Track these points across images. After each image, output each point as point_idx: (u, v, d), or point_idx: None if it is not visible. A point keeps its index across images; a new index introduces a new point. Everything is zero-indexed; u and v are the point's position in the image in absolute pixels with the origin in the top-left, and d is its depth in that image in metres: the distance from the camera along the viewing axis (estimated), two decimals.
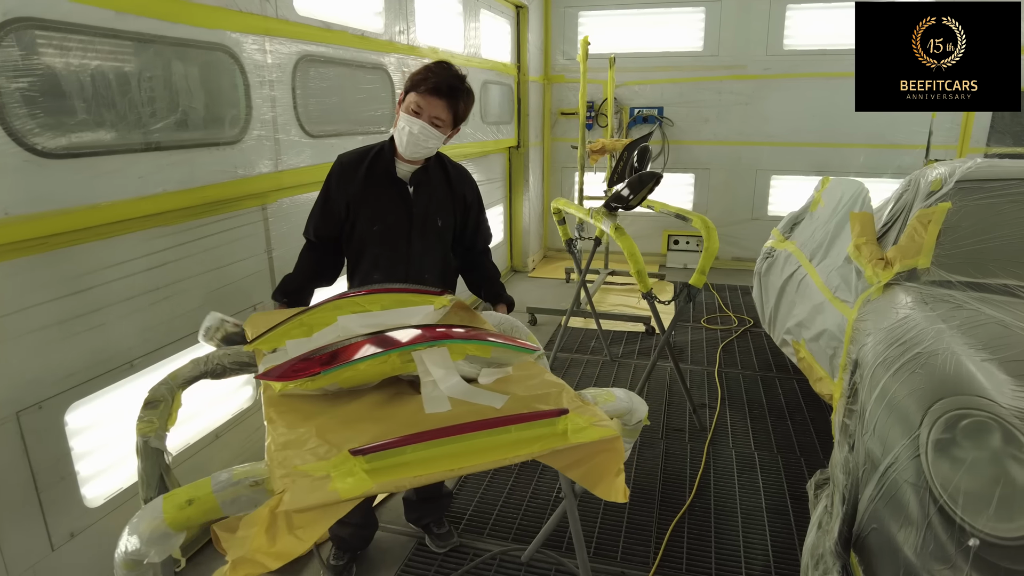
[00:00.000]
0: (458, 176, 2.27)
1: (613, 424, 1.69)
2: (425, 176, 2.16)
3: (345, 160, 2.17)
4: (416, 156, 2.08)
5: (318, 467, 1.14)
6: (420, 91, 1.97)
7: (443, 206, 2.20)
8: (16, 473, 1.93)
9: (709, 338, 4.95)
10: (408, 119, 1.99)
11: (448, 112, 2.00)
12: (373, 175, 2.12)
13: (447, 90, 1.97)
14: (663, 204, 3.79)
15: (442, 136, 2.04)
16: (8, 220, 1.78)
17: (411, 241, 2.14)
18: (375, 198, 2.12)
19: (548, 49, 6.95)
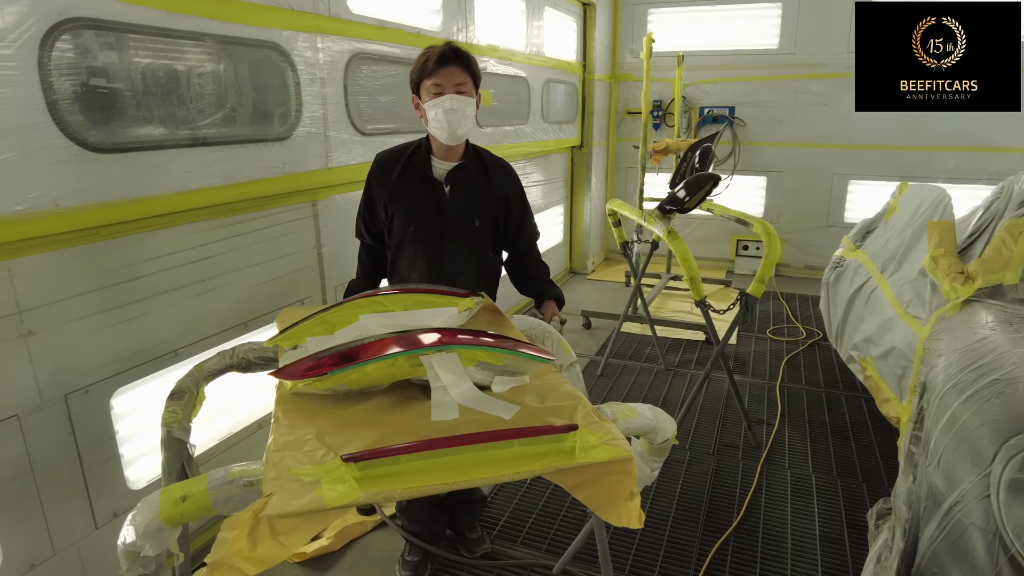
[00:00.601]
0: (498, 172, 2.18)
1: (637, 444, 1.60)
2: (461, 175, 2.10)
3: (382, 158, 2.14)
4: (461, 133, 2.00)
5: (310, 471, 1.11)
6: (429, 73, 1.92)
7: (481, 206, 2.13)
8: (63, 452, 2.02)
9: (774, 350, 4.71)
10: (436, 102, 1.93)
11: (465, 74, 1.94)
12: (407, 173, 2.08)
13: (453, 55, 1.91)
14: (724, 207, 3.61)
15: (473, 101, 1.97)
16: (58, 211, 1.86)
17: (444, 241, 2.08)
18: (409, 197, 2.08)
19: (616, 47, 6.80)
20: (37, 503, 1.96)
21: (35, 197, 1.80)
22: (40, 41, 1.78)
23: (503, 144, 4.74)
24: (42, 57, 1.78)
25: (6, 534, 1.89)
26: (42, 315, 1.91)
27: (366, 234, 2.22)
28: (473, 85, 1.98)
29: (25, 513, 1.94)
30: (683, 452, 3.29)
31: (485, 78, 4.38)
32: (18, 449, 1.89)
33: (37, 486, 1.95)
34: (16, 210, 1.77)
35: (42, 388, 1.93)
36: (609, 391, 4.05)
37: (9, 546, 1.90)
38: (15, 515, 1.91)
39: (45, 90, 1.79)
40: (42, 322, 1.91)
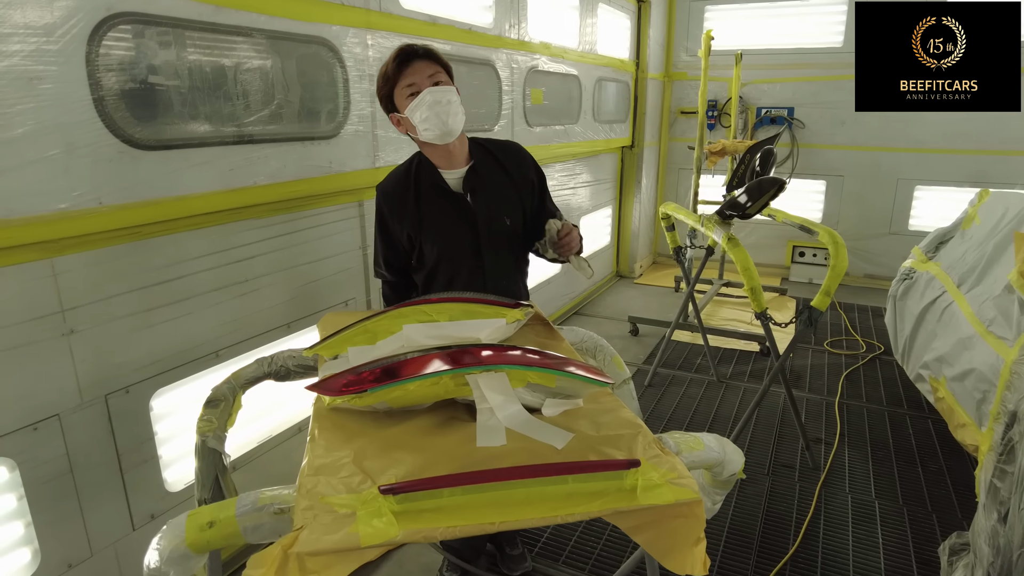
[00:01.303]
0: (511, 157, 2.00)
1: (698, 476, 1.46)
2: (478, 177, 1.92)
3: (388, 189, 1.94)
4: (454, 125, 1.82)
5: (345, 501, 1.02)
6: (399, 74, 1.76)
7: (508, 201, 1.96)
8: (103, 452, 1.99)
9: (832, 363, 4.47)
10: (417, 102, 1.75)
11: (433, 64, 1.78)
12: (423, 194, 1.89)
13: (412, 51, 1.76)
14: (786, 214, 3.41)
15: (454, 88, 1.81)
16: (102, 209, 1.82)
17: (481, 253, 1.93)
18: (434, 218, 1.90)
19: (670, 45, 6.60)
20: (76, 503, 1.94)
21: (79, 195, 1.77)
22: (88, 36, 1.75)
23: (552, 144, 4.62)
24: (90, 53, 1.75)
25: (45, 534, 1.87)
26: (84, 314, 1.88)
27: (388, 273, 2.05)
28: (447, 74, 1.82)
29: (64, 513, 1.92)
30: None
31: (536, 76, 4.30)
32: (58, 449, 1.87)
33: (76, 486, 1.93)
34: (60, 208, 1.74)
35: (83, 388, 1.91)
36: (657, 403, 3.90)
37: (48, 546, 1.88)
38: (54, 515, 1.89)
39: (92, 86, 1.76)
40: (84, 321, 1.88)
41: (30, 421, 1.80)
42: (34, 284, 1.76)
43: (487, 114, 3.74)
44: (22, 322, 1.75)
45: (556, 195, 4.92)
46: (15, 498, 1.82)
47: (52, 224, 1.72)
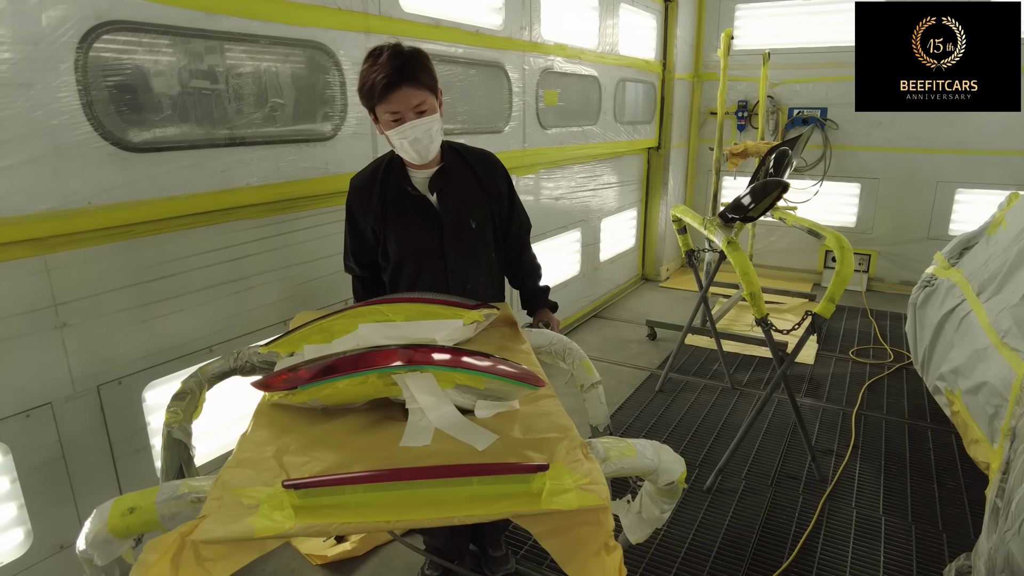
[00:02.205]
0: (483, 165, 2.00)
1: (662, 490, 1.43)
2: (445, 179, 1.92)
3: (357, 183, 1.95)
4: (434, 153, 1.85)
5: (254, 494, 1.05)
6: (380, 99, 1.71)
7: (473, 205, 1.96)
8: (95, 441, 2.09)
9: (855, 373, 4.31)
10: (397, 133, 1.75)
11: (420, 90, 1.72)
12: (388, 193, 1.90)
13: (398, 76, 1.68)
14: (795, 216, 3.31)
15: (437, 116, 1.80)
16: (91, 209, 1.91)
17: (446, 254, 1.94)
18: (397, 217, 1.91)
19: (700, 44, 6.48)
20: (68, 489, 2.03)
21: (68, 195, 1.86)
22: (77, 43, 1.83)
23: (568, 145, 4.61)
24: (79, 59, 1.84)
25: (37, 516, 1.97)
26: (77, 308, 1.98)
27: (357, 267, 2.06)
28: (432, 93, 1.77)
29: (57, 498, 2.01)
30: (738, 481, 3.05)
31: (550, 77, 4.30)
32: (51, 436, 1.97)
33: (69, 472, 2.03)
34: (50, 207, 1.83)
35: (75, 378, 2.00)
36: (666, 408, 3.84)
37: (40, 528, 1.98)
38: (47, 499, 1.99)
39: (81, 91, 1.85)
40: (77, 315, 1.98)
41: (23, 408, 1.90)
42: (27, 279, 1.86)
43: (496, 116, 3.75)
44: (16, 315, 1.85)
45: (574, 197, 4.91)
46: (8, 481, 1.92)
47: (42, 223, 1.82)
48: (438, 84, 1.81)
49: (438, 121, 1.80)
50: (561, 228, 4.82)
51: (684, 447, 3.38)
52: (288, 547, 2.58)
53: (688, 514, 2.80)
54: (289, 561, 2.51)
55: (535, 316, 2.16)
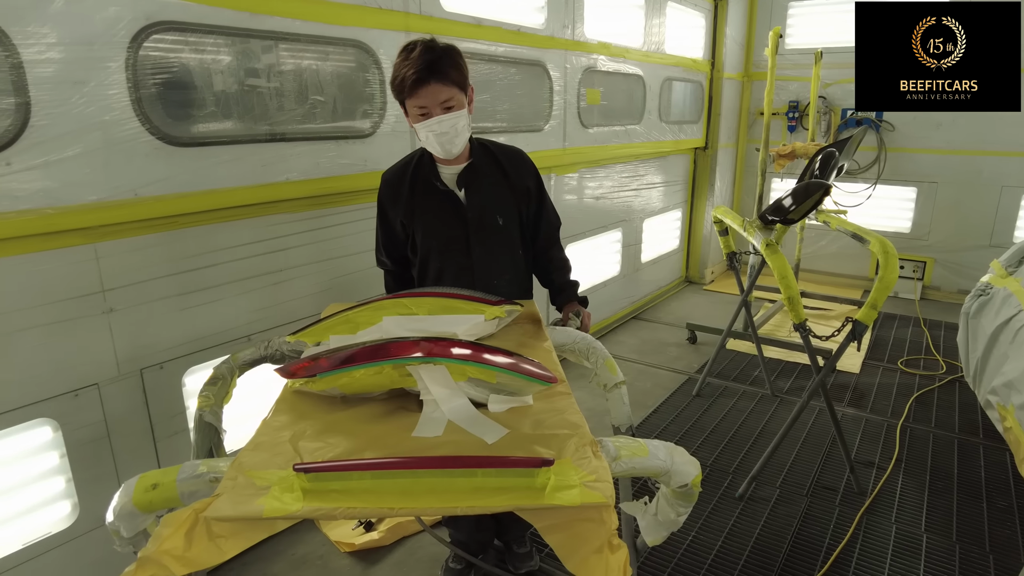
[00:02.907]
0: (512, 162, 2.01)
1: (677, 492, 1.41)
2: (474, 175, 1.94)
3: (388, 176, 2.00)
4: (459, 149, 1.86)
5: (266, 476, 1.09)
6: (409, 94, 1.75)
7: (501, 202, 1.98)
8: (137, 421, 2.19)
9: (903, 383, 4.15)
10: (424, 127, 1.78)
11: (448, 87, 1.74)
12: (417, 187, 1.94)
13: (427, 72, 1.70)
14: (839, 220, 3.21)
15: (463, 112, 1.81)
16: (137, 200, 2.01)
17: (471, 249, 1.96)
18: (425, 211, 1.95)
19: (751, 43, 6.34)
20: (112, 465, 2.14)
21: (116, 186, 1.96)
22: (128, 43, 1.93)
23: (610, 144, 4.58)
24: (129, 57, 1.93)
25: (84, 490, 2.08)
26: (123, 295, 2.08)
27: (388, 261, 2.11)
28: (461, 90, 1.79)
29: (101, 473, 2.12)
30: (772, 490, 2.98)
31: (592, 76, 4.28)
32: (96, 415, 2.08)
33: (112, 450, 2.13)
34: (99, 198, 1.93)
35: (120, 361, 2.10)
36: (703, 413, 3.77)
37: (86, 502, 2.09)
38: (92, 474, 2.10)
39: (130, 88, 1.94)
40: (123, 301, 2.08)
41: (72, 388, 2.01)
42: (78, 266, 1.97)
43: (536, 114, 3.76)
44: (67, 299, 1.96)
45: (616, 197, 4.87)
46: (57, 456, 2.04)
47: (92, 212, 1.92)
48: (468, 81, 1.83)
49: (465, 117, 1.82)
50: (601, 228, 4.79)
51: (719, 453, 3.32)
52: (318, 534, 2.65)
53: (718, 521, 2.76)
54: (318, 547, 2.58)
55: (563, 309, 2.14)
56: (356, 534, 2.59)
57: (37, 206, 1.80)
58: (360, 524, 2.62)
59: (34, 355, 1.90)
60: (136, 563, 0.97)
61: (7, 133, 1.73)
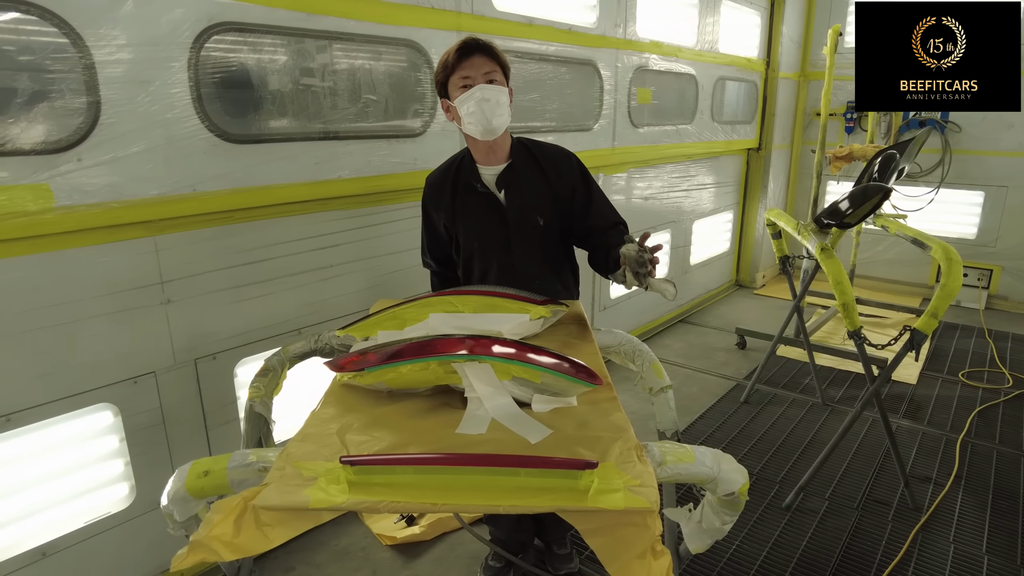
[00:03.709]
0: (551, 161, 2.00)
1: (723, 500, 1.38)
2: (514, 175, 1.95)
3: (431, 179, 2.04)
4: (499, 124, 1.84)
5: (314, 467, 1.11)
6: (453, 67, 1.80)
7: (541, 203, 1.97)
8: (191, 409, 2.27)
9: (965, 396, 3.96)
10: (466, 97, 1.79)
11: (493, 63, 1.80)
12: (459, 189, 1.97)
13: (474, 46, 1.78)
14: (899, 224, 3.09)
15: (505, 90, 1.83)
16: (195, 195, 2.08)
17: (512, 250, 1.96)
18: (466, 212, 1.98)
19: (808, 42, 6.16)
20: (166, 451, 2.22)
21: (176, 182, 2.03)
22: (191, 43, 1.99)
23: (661, 144, 4.51)
24: (191, 57, 2.00)
25: (141, 474, 2.17)
26: (180, 286, 2.15)
27: (433, 262, 2.15)
28: (503, 73, 1.83)
29: (157, 458, 2.20)
30: (820, 501, 2.89)
31: (644, 75, 4.23)
32: (153, 402, 2.16)
33: (167, 436, 2.21)
34: (160, 193, 2.00)
35: (176, 351, 2.18)
36: (750, 421, 3.69)
37: (142, 484, 2.17)
38: (149, 459, 2.18)
39: (192, 87, 2.01)
40: (180, 292, 2.15)
41: (131, 375, 2.09)
42: (139, 258, 2.04)
43: (585, 114, 3.73)
44: (129, 289, 2.04)
45: (665, 197, 4.80)
46: (117, 440, 2.12)
47: (153, 206, 1.99)
48: (509, 75, 1.87)
49: (505, 94, 1.83)
50: (649, 229, 4.70)
51: (766, 462, 3.24)
52: (361, 526, 2.69)
53: (763, 531, 2.69)
54: (360, 539, 2.62)
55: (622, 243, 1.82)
56: (398, 528, 2.63)
57: (104, 200, 1.88)
58: (402, 518, 2.65)
59: (98, 342, 1.99)
60: (188, 547, 1.00)
61: (79, 130, 1.81)
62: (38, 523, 1.99)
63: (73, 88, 1.79)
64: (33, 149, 1.74)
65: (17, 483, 1.94)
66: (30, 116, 1.74)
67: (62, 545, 2.03)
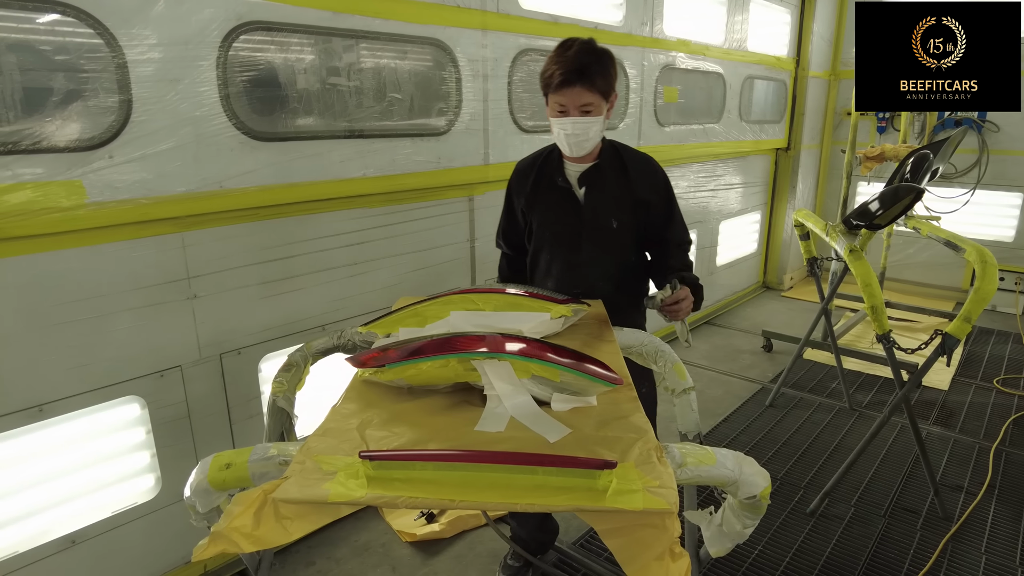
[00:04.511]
0: (638, 170, 1.99)
1: (744, 504, 1.36)
2: (597, 175, 1.96)
3: (520, 166, 2.09)
4: (585, 151, 1.89)
5: (333, 461, 1.11)
6: (554, 91, 1.78)
7: (619, 206, 1.97)
8: (215, 403, 2.30)
9: (1000, 404, 3.86)
10: (558, 123, 1.82)
11: (591, 92, 1.77)
12: (541, 180, 2.01)
13: (577, 74, 1.73)
14: (932, 226, 3.01)
15: (599, 118, 1.82)
16: (222, 192, 2.11)
17: (581, 247, 1.98)
18: (544, 203, 2.01)
19: (839, 40, 6.05)
20: (191, 444, 2.26)
21: (204, 179, 2.06)
22: (220, 43, 2.02)
23: (687, 143, 4.47)
24: (220, 56, 2.03)
25: (166, 466, 2.20)
26: (207, 282, 2.18)
27: (506, 245, 2.21)
28: (603, 98, 1.81)
29: (182, 451, 2.24)
30: (846, 508, 2.83)
31: (671, 73, 4.19)
32: (179, 395, 2.19)
33: (192, 429, 2.25)
34: (188, 189, 2.03)
35: (202, 345, 2.21)
36: (775, 424, 3.63)
37: (168, 476, 2.21)
38: (174, 451, 2.22)
39: (220, 85, 2.04)
40: (206, 288, 2.19)
41: (158, 368, 2.13)
42: (168, 253, 2.08)
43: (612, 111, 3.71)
44: (157, 284, 2.08)
45: (692, 198, 4.75)
46: (144, 432, 2.16)
47: (182, 203, 2.03)
48: (614, 88, 1.86)
49: (599, 124, 1.83)
50: None
51: (790, 466, 3.18)
52: (381, 522, 2.71)
53: (787, 536, 2.64)
54: (381, 535, 2.64)
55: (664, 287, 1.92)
56: (418, 525, 2.64)
57: (134, 196, 1.92)
58: (422, 515, 2.66)
59: (127, 336, 2.03)
60: (209, 538, 1.01)
61: (111, 128, 1.85)
62: (67, 512, 2.04)
63: (106, 87, 1.83)
64: (67, 146, 1.78)
65: (48, 472, 1.99)
66: (65, 114, 1.78)
67: (90, 534, 2.07)
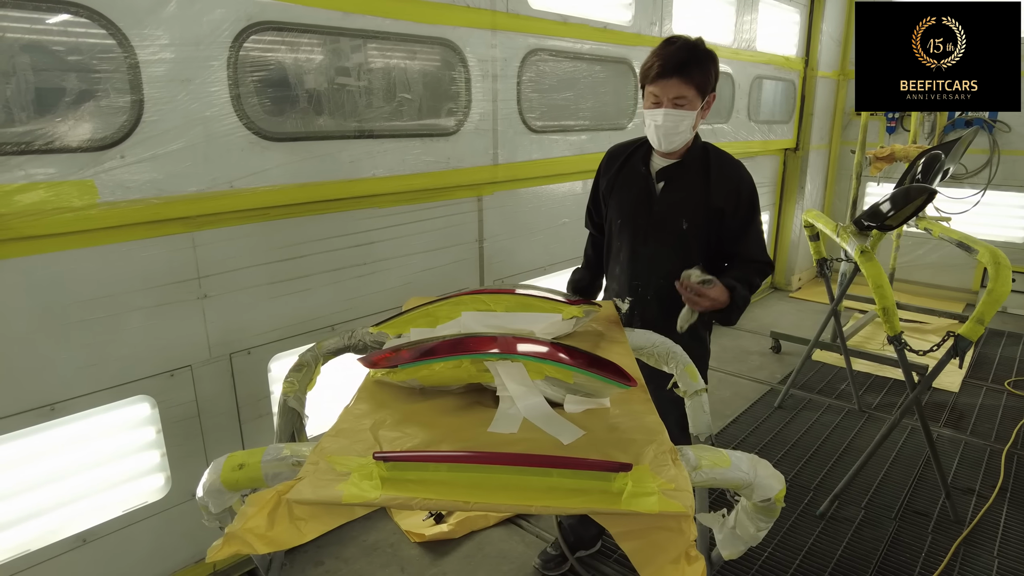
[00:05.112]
0: (721, 175, 1.95)
1: (758, 507, 1.35)
2: (677, 173, 1.95)
3: (612, 150, 2.13)
4: (675, 146, 1.90)
5: (347, 462, 1.11)
6: (651, 81, 1.82)
7: (692, 208, 1.94)
8: (225, 403, 2.30)
9: (1011, 406, 3.83)
10: (650, 114, 1.85)
11: (687, 87, 1.78)
12: (626, 167, 2.05)
13: (676, 67, 1.76)
14: (943, 227, 3.00)
15: (692, 113, 1.82)
16: (232, 192, 2.11)
17: (648, 240, 1.99)
18: (621, 190, 2.05)
19: (848, 40, 6.02)
20: (201, 443, 2.26)
21: (215, 178, 2.06)
22: (231, 43, 2.02)
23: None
24: (230, 56, 2.03)
25: (176, 465, 2.21)
26: (217, 282, 2.19)
27: (591, 225, 2.27)
28: (698, 93, 1.82)
29: (192, 450, 2.24)
30: (856, 510, 2.82)
31: None
32: (189, 395, 2.20)
33: (202, 429, 2.25)
34: (199, 189, 2.04)
35: (212, 345, 2.22)
36: (784, 426, 3.62)
37: (177, 475, 2.21)
38: (184, 450, 2.22)
39: (230, 85, 2.04)
40: (216, 288, 2.19)
41: (168, 368, 2.13)
42: (178, 253, 2.08)
43: (619, 112, 3.70)
44: (167, 284, 2.08)
45: None
46: (154, 431, 2.17)
47: (192, 203, 2.03)
48: (712, 88, 1.86)
49: (690, 119, 1.84)
50: None
51: (799, 468, 3.17)
52: (390, 522, 2.71)
53: (797, 539, 2.63)
54: (389, 536, 2.63)
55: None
56: (427, 525, 2.64)
57: (144, 196, 1.92)
58: (431, 515, 2.66)
59: (137, 335, 2.03)
60: (223, 539, 1.01)
61: (123, 128, 1.85)
62: (79, 510, 2.04)
63: (118, 87, 1.83)
64: (79, 146, 1.79)
65: (59, 471, 1.99)
66: (77, 114, 1.78)
67: (101, 532, 2.08)
